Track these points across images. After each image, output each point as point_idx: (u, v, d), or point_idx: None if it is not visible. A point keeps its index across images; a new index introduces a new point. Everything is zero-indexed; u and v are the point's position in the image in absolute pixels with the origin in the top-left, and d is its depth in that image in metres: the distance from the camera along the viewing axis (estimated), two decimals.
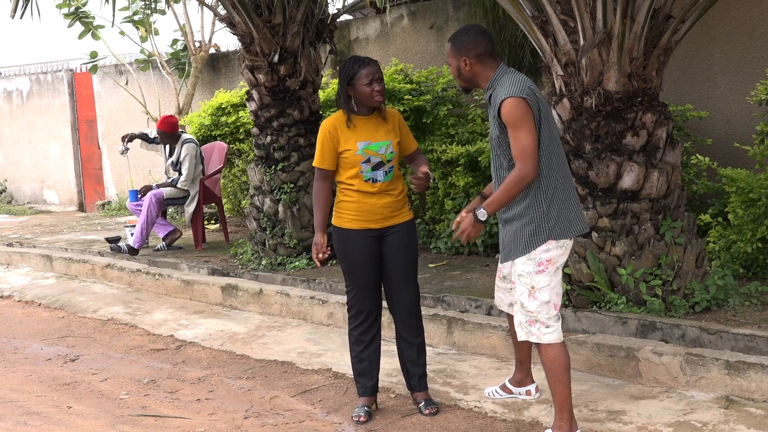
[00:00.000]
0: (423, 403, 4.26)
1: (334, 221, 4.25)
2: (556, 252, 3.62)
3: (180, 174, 8.34)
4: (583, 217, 3.73)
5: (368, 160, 4.09)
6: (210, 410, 4.51)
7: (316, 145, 4.19)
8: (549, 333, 3.65)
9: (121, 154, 8.81)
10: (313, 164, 4.24)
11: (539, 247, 3.60)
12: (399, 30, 8.72)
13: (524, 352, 4.20)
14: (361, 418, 4.18)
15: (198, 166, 8.41)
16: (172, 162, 8.44)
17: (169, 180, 8.45)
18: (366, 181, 4.11)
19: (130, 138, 8.70)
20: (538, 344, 3.69)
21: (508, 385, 4.24)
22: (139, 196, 8.50)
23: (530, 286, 3.63)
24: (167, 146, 8.53)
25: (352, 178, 4.12)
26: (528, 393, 4.21)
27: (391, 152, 4.12)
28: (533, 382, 4.25)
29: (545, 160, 3.58)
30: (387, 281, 4.23)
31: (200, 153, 8.48)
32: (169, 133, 8.38)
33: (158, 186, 8.38)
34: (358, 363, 4.27)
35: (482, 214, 3.62)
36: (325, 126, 4.15)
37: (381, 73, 4.09)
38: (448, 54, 3.79)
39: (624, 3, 4.63)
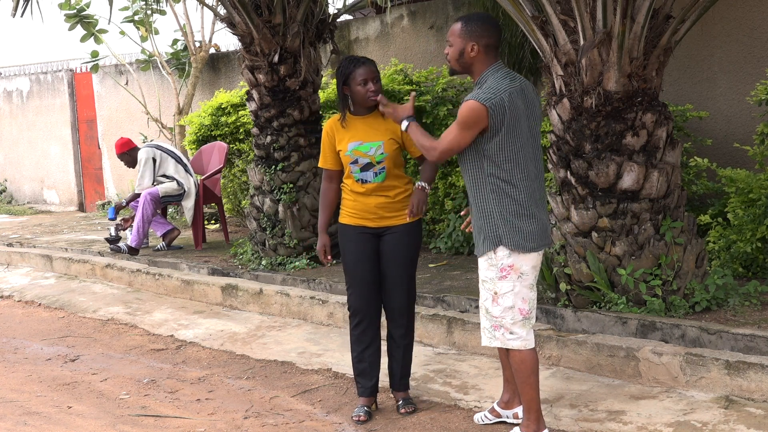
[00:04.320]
0: (401, 401, 4.30)
1: (339, 218, 4.30)
2: (519, 259, 3.58)
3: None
4: (546, 233, 3.67)
5: (356, 161, 4.10)
6: (210, 410, 4.51)
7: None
8: (513, 339, 3.64)
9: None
10: (319, 164, 4.32)
11: (499, 252, 3.58)
12: (399, 30, 8.72)
13: (510, 369, 4.00)
14: (361, 418, 4.18)
15: (161, 166, 8.27)
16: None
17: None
18: (356, 181, 4.14)
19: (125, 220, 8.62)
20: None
21: (497, 408, 4.06)
22: (116, 216, 8.56)
23: (493, 291, 3.63)
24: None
25: (347, 178, 4.19)
26: (515, 416, 3.98)
27: (382, 153, 4.09)
28: (521, 404, 3.95)
29: (495, 172, 3.55)
30: (383, 281, 4.25)
31: (160, 155, 8.31)
32: (126, 152, 8.40)
33: (126, 201, 8.41)
34: (358, 363, 4.28)
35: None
36: (325, 126, 4.25)
37: (377, 72, 4.10)
38: (456, 33, 3.62)
39: (624, 3, 4.63)
